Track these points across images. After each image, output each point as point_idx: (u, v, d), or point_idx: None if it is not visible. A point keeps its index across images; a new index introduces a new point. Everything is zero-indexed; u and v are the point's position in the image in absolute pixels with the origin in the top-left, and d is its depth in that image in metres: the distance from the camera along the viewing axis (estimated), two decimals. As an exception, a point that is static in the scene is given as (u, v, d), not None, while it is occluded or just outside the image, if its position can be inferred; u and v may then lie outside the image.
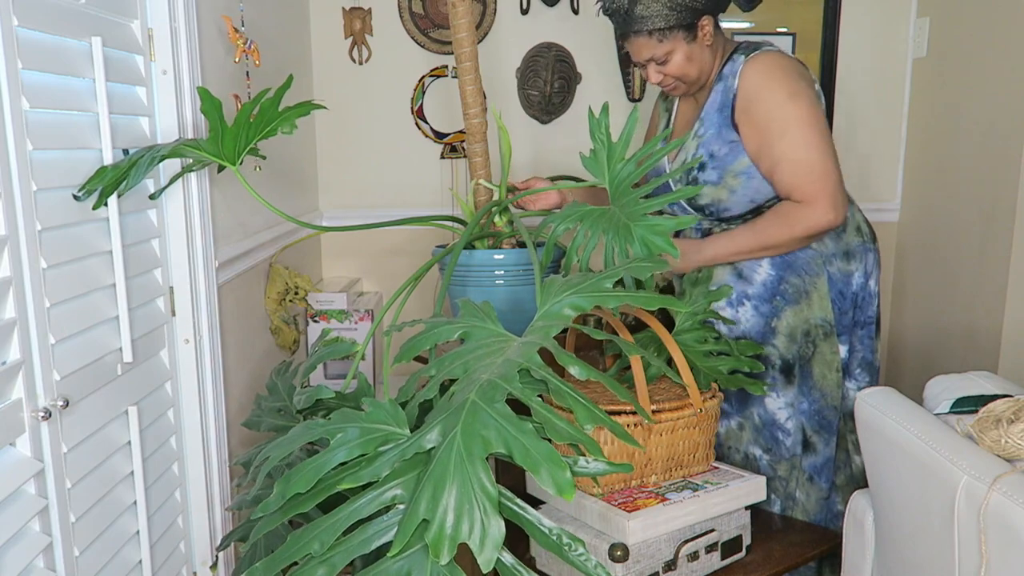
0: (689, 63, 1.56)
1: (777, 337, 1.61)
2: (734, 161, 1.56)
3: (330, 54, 2.35)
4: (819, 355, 1.61)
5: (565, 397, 0.95)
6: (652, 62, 1.58)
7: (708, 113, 1.59)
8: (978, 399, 1.20)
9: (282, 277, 1.99)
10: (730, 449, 1.71)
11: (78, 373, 1.14)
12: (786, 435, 1.63)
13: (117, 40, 1.25)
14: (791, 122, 1.50)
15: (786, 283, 1.60)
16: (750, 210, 1.60)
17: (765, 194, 1.58)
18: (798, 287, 1.59)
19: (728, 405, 1.68)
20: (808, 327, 1.60)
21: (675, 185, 1.63)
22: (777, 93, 1.51)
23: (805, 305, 1.60)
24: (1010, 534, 0.95)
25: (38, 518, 1.06)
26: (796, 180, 1.50)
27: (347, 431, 0.96)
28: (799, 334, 1.60)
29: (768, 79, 1.52)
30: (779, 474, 1.65)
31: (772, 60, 1.54)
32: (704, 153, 1.58)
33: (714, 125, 1.58)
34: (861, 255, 1.62)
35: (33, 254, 1.04)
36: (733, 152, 1.56)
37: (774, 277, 1.60)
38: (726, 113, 1.56)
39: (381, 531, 0.91)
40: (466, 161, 1.85)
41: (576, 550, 0.88)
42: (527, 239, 1.43)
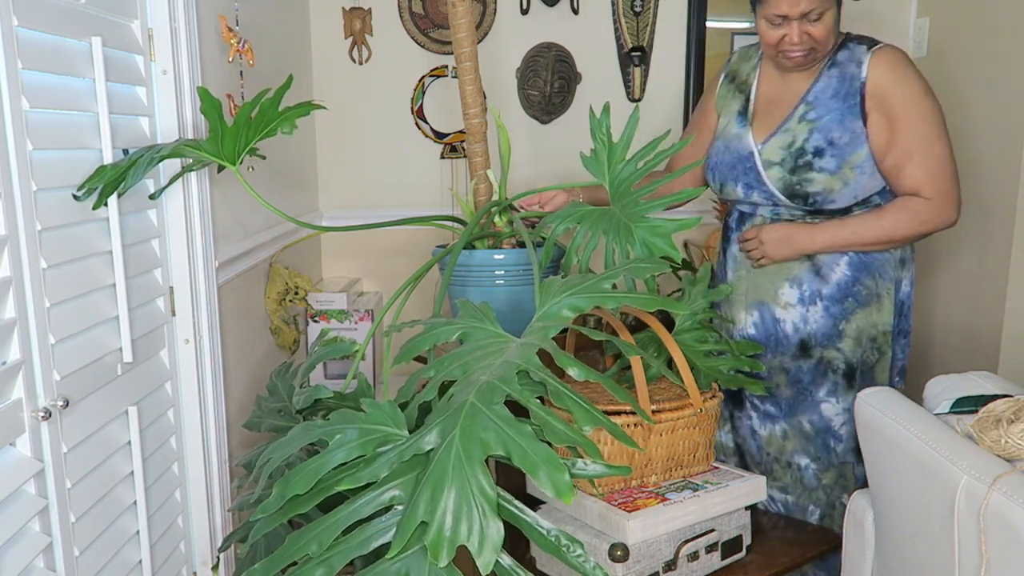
0: (834, 28, 1.52)
1: (844, 340, 1.57)
2: (853, 152, 1.51)
3: (330, 54, 2.35)
4: (884, 360, 1.59)
5: (564, 399, 0.95)
6: (805, 18, 1.48)
7: (819, 98, 1.54)
8: (978, 399, 1.20)
9: (282, 277, 1.99)
10: (768, 456, 1.66)
11: (78, 373, 1.14)
12: (838, 442, 1.60)
13: (117, 40, 1.25)
14: (927, 117, 1.48)
15: (860, 284, 1.56)
16: (851, 205, 1.55)
17: (868, 191, 1.54)
18: (871, 290, 1.56)
19: (775, 408, 1.64)
20: (876, 332, 1.58)
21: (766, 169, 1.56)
22: (914, 87, 1.49)
23: (875, 309, 1.57)
24: (1010, 534, 0.95)
25: (38, 518, 1.06)
26: (929, 176, 1.48)
27: (346, 432, 0.96)
28: (865, 339, 1.57)
29: (904, 72, 1.50)
30: (824, 483, 1.62)
31: (903, 55, 1.52)
32: (822, 139, 1.52)
33: (833, 111, 1.52)
34: (909, 263, 1.61)
35: (33, 254, 1.05)
36: (854, 142, 1.51)
37: (849, 278, 1.56)
38: (852, 102, 1.51)
39: (380, 532, 0.91)
40: (466, 161, 1.85)
41: (574, 551, 0.88)
42: (527, 239, 1.43)
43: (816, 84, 1.55)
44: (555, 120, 2.40)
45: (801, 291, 1.58)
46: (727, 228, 1.74)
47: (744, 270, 1.66)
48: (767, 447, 1.66)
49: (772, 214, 1.61)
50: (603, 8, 2.37)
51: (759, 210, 1.63)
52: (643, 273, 1.15)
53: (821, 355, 1.59)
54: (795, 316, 1.59)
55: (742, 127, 1.63)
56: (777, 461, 1.66)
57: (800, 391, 1.62)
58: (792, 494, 1.65)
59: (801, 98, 1.56)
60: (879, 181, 1.53)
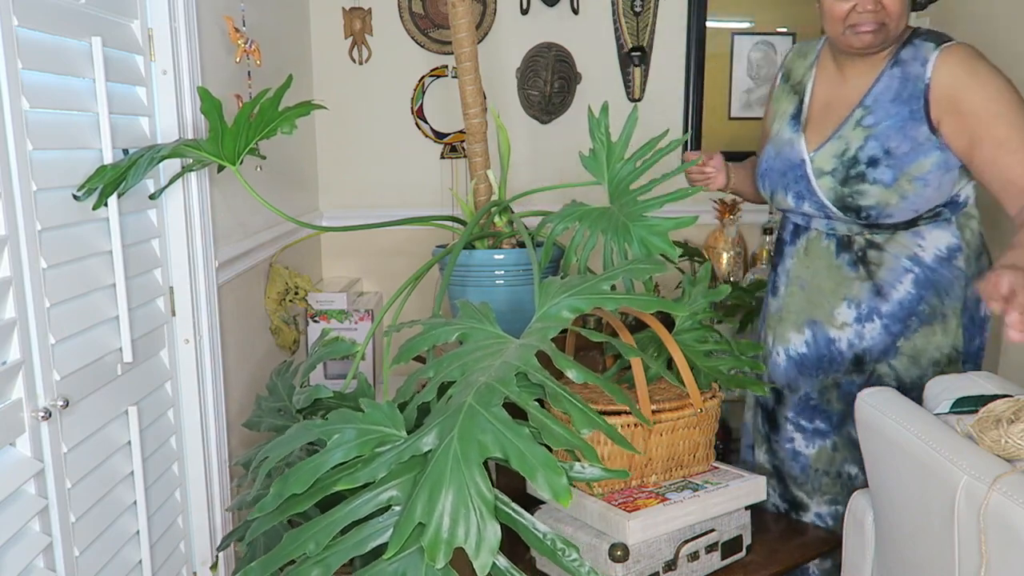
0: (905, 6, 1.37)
1: (899, 357, 1.47)
2: (914, 162, 1.38)
3: (330, 54, 2.35)
4: None
5: (562, 401, 0.95)
6: None
7: (879, 101, 1.41)
8: (978, 399, 1.20)
9: (282, 277, 1.99)
10: (817, 472, 1.58)
11: (78, 373, 1.14)
12: None
13: (117, 40, 1.25)
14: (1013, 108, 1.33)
15: (925, 303, 1.45)
16: (909, 220, 1.43)
17: (930, 204, 1.42)
18: (935, 308, 1.45)
19: (826, 423, 1.56)
20: (939, 356, 1.46)
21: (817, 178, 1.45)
22: (989, 84, 1.34)
23: (939, 328, 1.46)
24: (1010, 534, 0.95)
25: (38, 518, 1.06)
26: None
27: (344, 432, 0.96)
28: (924, 359, 1.47)
29: (975, 68, 1.36)
30: None
31: (972, 51, 1.38)
32: (878, 148, 1.39)
33: (893, 117, 1.39)
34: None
35: (33, 254, 1.05)
36: (916, 152, 1.38)
37: (914, 296, 1.44)
38: (915, 106, 1.38)
39: (377, 532, 0.91)
40: (466, 161, 1.85)
41: (570, 555, 0.88)
42: (527, 239, 1.43)
43: (876, 85, 1.42)
44: (555, 120, 2.40)
45: (859, 311, 1.48)
46: (781, 241, 1.63)
47: (797, 286, 1.56)
48: (815, 464, 1.58)
49: (827, 227, 1.50)
50: (603, 8, 2.37)
51: (813, 222, 1.53)
52: (642, 274, 1.15)
53: (874, 370, 1.50)
54: (850, 334, 1.50)
55: (794, 132, 1.52)
56: (827, 474, 1.58)
57: (850, 403, 1.48)
58: (842, 504, 1.57)
59: (859, 101, 1.44)
60: (945, 192, 1.42)
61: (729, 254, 2.38)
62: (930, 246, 1.44)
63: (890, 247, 1.46)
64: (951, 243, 1.44)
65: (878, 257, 1.46)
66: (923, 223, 1.44)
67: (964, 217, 1.46)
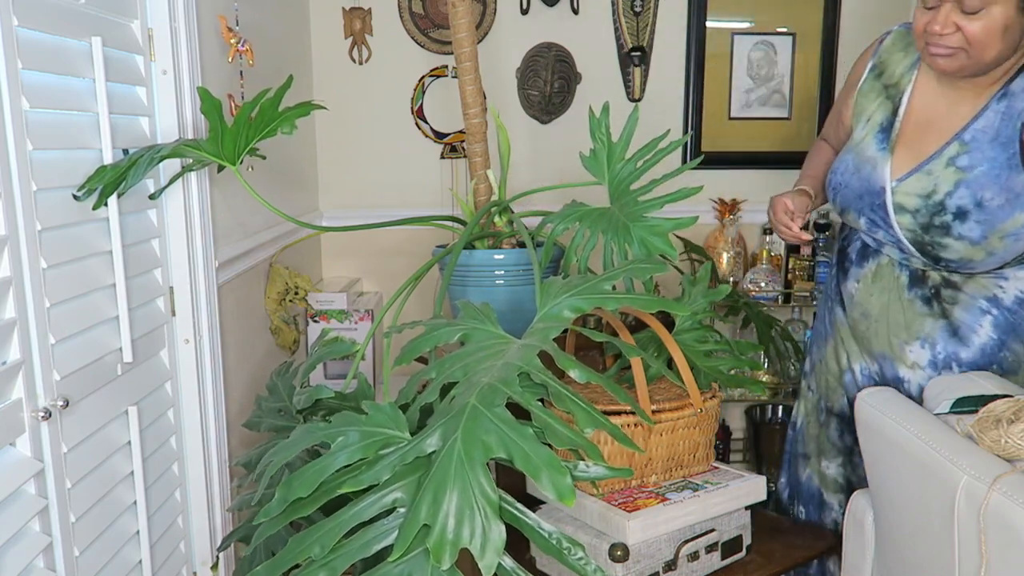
0: (1002, 36, 1.15)
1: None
2: (1009, 218, 1.21)
3: (330, 54, 2.35)
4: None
5: (565, 401, 0.95)
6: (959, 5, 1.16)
7: (978, 139, 1.23)
8: (978, 399, 1.20)
9: (282, 277, 1.99)
10: None
11: (78, 373, 1.14)
12: None
13: (117, 40, 1.25)
14: None
15: (1008, 350, 1.31)
16: (994, 268, 1.30)
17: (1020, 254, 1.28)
18: (1020, 356, 1.31)
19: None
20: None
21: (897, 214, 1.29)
22: None
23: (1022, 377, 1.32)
24: (1010, 534, 0.95)
25: (38, 518, 1.06)
26: None
27: (348, 434, 0.95)
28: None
29: None
30: None
31: None
32: (968, 198, 1.22)
33: (989, 161, 1.21)
34: None
35: (33, 254, 1.04)
36: (1011, 205, 1.20)
37: (996, 342, 1.31)
38: (1012, 151, 1.19)
39: (382, 534, 0.91)
40: (466, 161, 1.85)
41: (576, 554, 0.88)
42: (527, 239, 1.43)
43: (979, 119, 1.23)
44: (555, 120, 2.40)
45: (934, 353, 1.34)
46: (845, 257, 1.47)
47: (859, 314, 1.43)
48: None
49: (900, 258, 1.36)
50: (603, 8, 2.37)
51: (885, 249, 1.38)
52: (643, 274, 1.15)
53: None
54: (923, 379, 1.35)
55: (880, 150, 1.32)
56: None
57: None
58: None
59: (957, 133, 1.25)
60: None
61: (729, 254, 2.39)
62: (1012, 287, 1.30)
63: (969, 287, 1.32)
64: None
65: (952, 296, 1.32)
66: (1010, 268, 1.31)
67: None
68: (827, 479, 1.58)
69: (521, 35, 2.35)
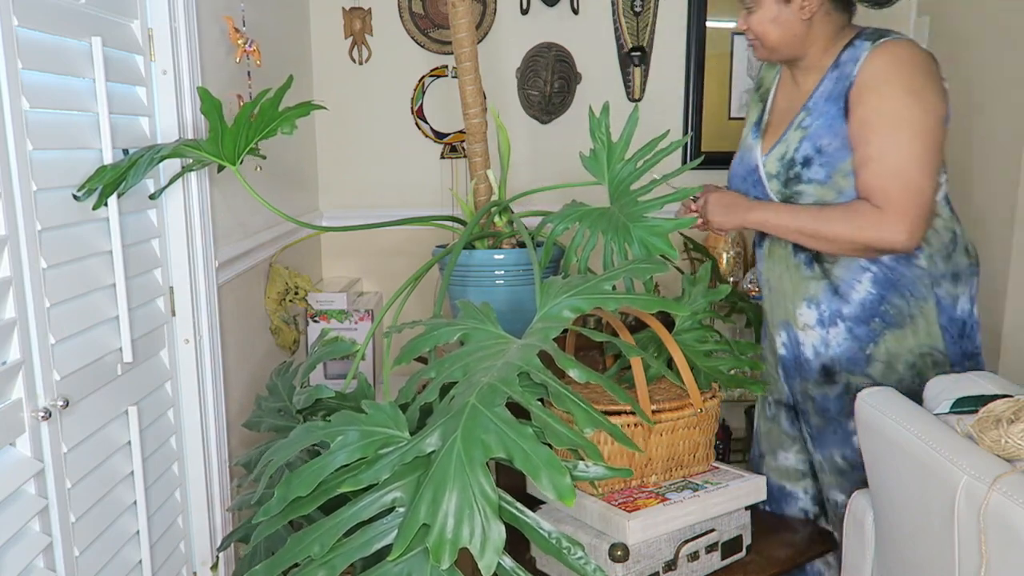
0: (773, 26, 1.41)
1: (872, 365, 1.43)
2: (845, 159, 1.38)
3: (330, 54, 2.35)
4: None
5: (564, 401, 0.95)
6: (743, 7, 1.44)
7: (817, 103, 1.42)
8: (978, 399, 1.20)
9: (282, 277, 1.99)
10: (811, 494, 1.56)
11: (78, 373, 1.14)
12: None
13: (117, 40, 1.25)
14: (899, 122, 1.33)
15: (888, 303, 1.41)
16: None
17: None
18: (901, 310, 1.41)
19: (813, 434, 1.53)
20: (914, 357, 1.41)
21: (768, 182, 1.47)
22: (896, 87, 1.34)
23: (910, 331, 1.41)
24: (1010, 534, 0.95)
25: (38, 518, 1.06)
26: (881, 183, 1.33)
27: (348, 434, 0.96)
28: (901, 364, 1.42)
29: (892, 70, 1.35)
30: None
31: (901, 50, 1.37)
32: (810, 148, 1.40)
33: (824, 115, 1.40)
34: (966, 278, 1.44)
35: (33, 254, 1.04)
36: (845, 147, 1.38)
37: (875, 296, 1.41)
38: (840, 104, 1.39)
39: (381, 533, 0.91)
40: (466, 161, 1.85)
41: (575, 554, 0.88)
42: (527, 239, 1.43)
43: (818, 88, 1.43)
44: (555, 120, 2.40)
45: (820, 312, 1.46)
46: (754, 244, 1.66)
47: (767, 289, 1.57)
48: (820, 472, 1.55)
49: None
50: (603, 8, 2.37)
51: None
52: (643, 274, 1.15)
53: (848, 382, 1.45)
54: (815, 339, 1.47)
55: (755, 138, 1.54)
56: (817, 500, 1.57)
57: (828, 421, 1.49)
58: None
59: (804, 105, 1.45)
60: None
61: (729, 254, 2.39)
62: None
63: None
64: None
65: (832, 256, 1.44)
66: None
67: None
68: (788, 471, 1.63)
69: (521, 35, 2.35)
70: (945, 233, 1.43)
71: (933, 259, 1.41)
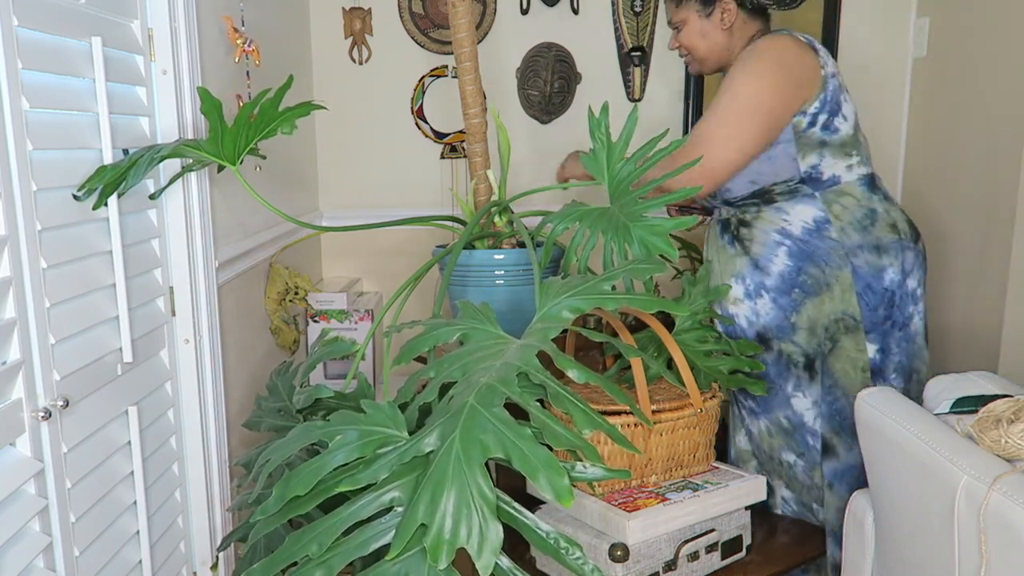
0: (700, 39, 1.60)
1: (798, 333, 1.56)
2: None
3: (330, 54, 2.35)
4: (840, 351, 1.55)
5: (563, 402, 0.95)
6: (672, 27, 1.63)
7: None
8: (978, 399, 1.20)
9: (282, 277, 1.99)
10: (764, 454, 1.66)
11: (78, 373, 1.14)
12: (815, 438, 1.58)
13: (117, 40, 1.25)
14: (727, 93, 1.50)
15: (805, 274, 1.55)
16: (752, 192, 1.58)
17: (771, 178, 1.55)
18: (818, 278, 1.55)
19: (755, 403, 1.64)
20: (828, 321, 1.55)
21: None
22: (741, 69, 1.52)
23: (827, 297, 1.55)
24: (1010, 534, 0.95)
25: (38, 518, 1.06)
26: (692, 134, 1.52)
27: (346, 433, 0.96)
28: (819, 328, 1.55)
29: (746, 56, 1.53)
30: (815, 482, 1.60)
31: (764, 42, 1.53)
32: None
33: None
34: (896, 252, 1.56)
35: (33, 254, 1.05)
36: None
37: (792, 268, 1.55)
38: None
39: (379, 533, 0.91)
40: (466, 161, 1.85)
41: (573, 554, 0.88)
42: (527, 239, 1.43)
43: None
44: (555, 120, 2.40)
45: (745, 286, 1.59)
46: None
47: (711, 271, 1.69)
48: (762, 445, 1.66)
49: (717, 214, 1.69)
50: (603, 8, 2.37)
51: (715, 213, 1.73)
52: (643, 274, 1.15)
53: (780, 348, 1.58)
54: (746, 310, 1.60)
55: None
56: (772, 459, 1.65)
57: (769, 386, 1.61)
58: (795, 491, 1.64)
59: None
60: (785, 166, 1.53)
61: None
62: (796, 220, 1.56)
63: (759, 224, 1.59)
64: (817, 216, 1.55)
65: (749, 233, 1.60)
66: (781, 198, 1.57)
67: (834, 194, 1.56)
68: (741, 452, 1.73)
69: (521, 35, 2.35)
70: (858, 210, 1.56)
71: (845, 231, 1.55)
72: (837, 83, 1.54)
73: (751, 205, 1.60)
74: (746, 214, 1.61)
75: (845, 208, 1.55)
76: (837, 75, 1.55)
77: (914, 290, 1.59)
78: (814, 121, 1.52)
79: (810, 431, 1.59)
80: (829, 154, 1.54)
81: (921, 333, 1.61)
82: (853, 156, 1.56)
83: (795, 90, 1.50)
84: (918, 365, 1.61)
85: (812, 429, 1.58)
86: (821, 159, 1.54)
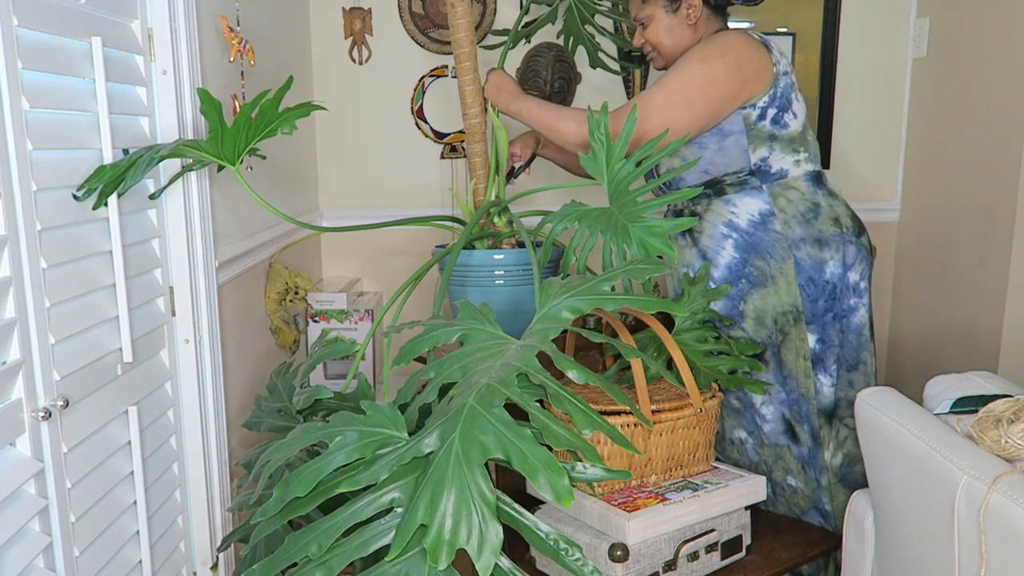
0: (666, 35, 1.64)
1: (745, 321, 1.61)
2: None
3: (330, 54, 2.35)
4: (789, 342, 1.60)
5: (563, 402, 0.95)
6: (638, 24, 1.67)
7: None
8: (978, 399, 1.20)
9: (282, 277, 1.99)
10: (719, 435, 1.71)
11: (78, 373, 1.14)
12: (763, 421, 1.64)
13: (117, 40, 1.25)
14: (679, 73, 1.55)
15: (751, 266, 1.59)
16: (705, 183, 1.61)
17: (719, 167, 1.59)
18: (763, 270, 1.59)
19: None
20: (776, 313, 1.59)
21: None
22: (689, 57, 1.56)
23: (772, 289, 1.59)
24: (1010, 534, 0.95)
25: (38, 518, 1.06)
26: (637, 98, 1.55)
27: (346, 434, 0.96)
28: (768, 319, 1.60)
29: (698, 45, 1.58)
30: (764, 458, 1.67)
31: (717, 36, 1.59)
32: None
33: None
34: (837, 245, 1.59)
35: (33, 254, 1.05)
36: None
37: (738, 260, 1.60)
38: None
39: (379, 534, 0.91)
40: (466, 161, 1.85)
41: (573, 555, 0.88)
42: (526, 239, 1.43)
43: None
44: (555, 120, 2.40)
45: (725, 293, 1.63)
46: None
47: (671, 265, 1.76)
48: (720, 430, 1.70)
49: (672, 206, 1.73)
50: (603, 8, 2.36)
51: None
52: (643, 274, 1.15)
53: (730, 335, 1.63)
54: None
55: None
56: (724, 439, 1.72)
57: None
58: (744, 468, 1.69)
59: None
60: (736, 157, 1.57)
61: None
62: (743, 212, 1.60)
63: (708, 216, 1.63)
64: (763, 208, 1.59)
65: (699, 226, 1.64)
66: (731, 190, 1.61)
67: (780, 187, 1.60)
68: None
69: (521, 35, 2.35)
70: (802, 203, 1.60)
71: (788, 224, 1.59)
72: (789, 81, 1.59)
73: (702, 197, 1.64)
74: (697, 206, 1.65)
75: (790, 201, 1.59)
76: (790, 74, 1.60)
77: (856, 283, 1.62)
78: (763, 115, 1.57)
79: (757, 413, 1.65)
80: (778, 148, 1.59)
81: (867, 325, 1.64)
82: (801, 152, 1.61)
83: (742, 84, 1.55)
84: (864, 356, 1.65)
85: (760, 412, 1.64)
86: (771, 152, 1.58)
